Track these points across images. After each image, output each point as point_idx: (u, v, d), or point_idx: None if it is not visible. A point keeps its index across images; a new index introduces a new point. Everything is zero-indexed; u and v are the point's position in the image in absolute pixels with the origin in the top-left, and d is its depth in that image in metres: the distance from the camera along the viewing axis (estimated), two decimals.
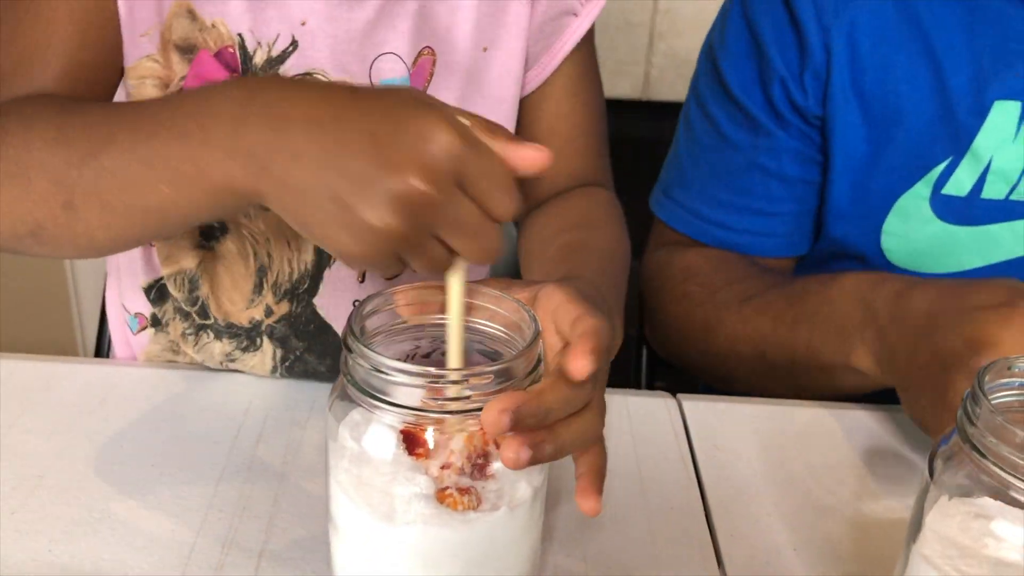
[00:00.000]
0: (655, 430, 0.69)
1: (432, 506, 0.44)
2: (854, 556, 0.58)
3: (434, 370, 0.43)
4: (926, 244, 0.80)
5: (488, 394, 0.43)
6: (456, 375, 0.44)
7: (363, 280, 0.71)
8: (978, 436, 0.41)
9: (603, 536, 0.58)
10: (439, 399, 0.43)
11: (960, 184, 0.77)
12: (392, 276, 0.48)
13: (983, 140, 0.75)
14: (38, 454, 0.62)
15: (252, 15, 0.65)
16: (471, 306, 0.48)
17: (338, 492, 0.46)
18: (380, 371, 0.43)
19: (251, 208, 0.67)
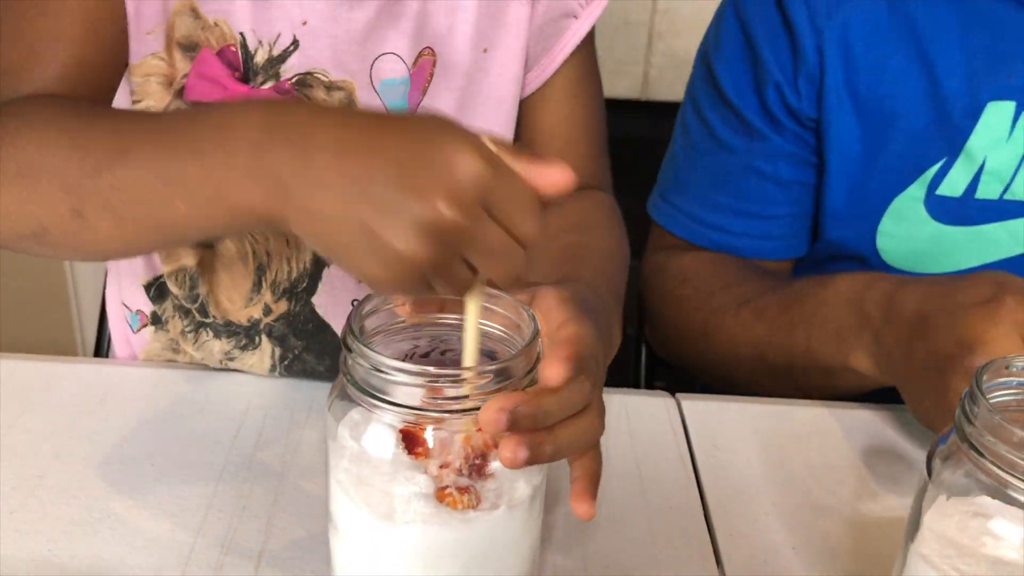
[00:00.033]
0: (654, 430, 0.69)
1: (432, 505, 0.44)
2: (853, 555, 0.58)
3: (433, 369, 0.43)
4: (922, 245, 0.80)
5: (487, 393, 0.43)
6: (455, 375, 0.44)
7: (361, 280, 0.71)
8: (976, 435, 0.41)
9: (602, 536, 0.58)
10: (438, 398, 0.43)
11: (954, 185, 0.77)
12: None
13: (977, 140, 0.75)
14: (37, 454, 0.62)
15: (254, 14, 0.65)
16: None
17: (338, 492, 0.47)
18: (380, 370, 0.43)
19: None
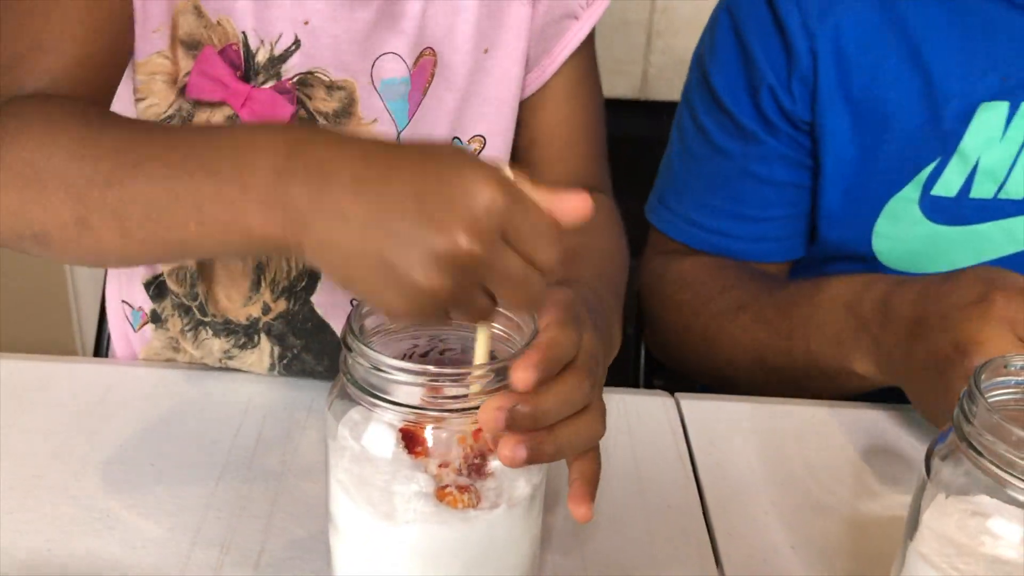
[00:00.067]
0: (653, 429, 0.69)
1: (432, 504, 0.44)
2: (852, 554, 0.58)
3: (433, 368, 0.43)
4: (917, 245, 0.80)
5: (486, 392, 0.43)
6: (455, 374, 0.44)
7: None
8: (975, 434, 0.41)
9: (601, 535, 0.58)
10: (438, 397, 0.43)
11: (949, 185, 0.77)
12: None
13: (970, 141, 0.76)
14: (36, 454, 0.62)
15: (257, 13, 0.65)
16: None
17: (338, 491, 0.47)
18: (379, 369, 0.43)
19: None
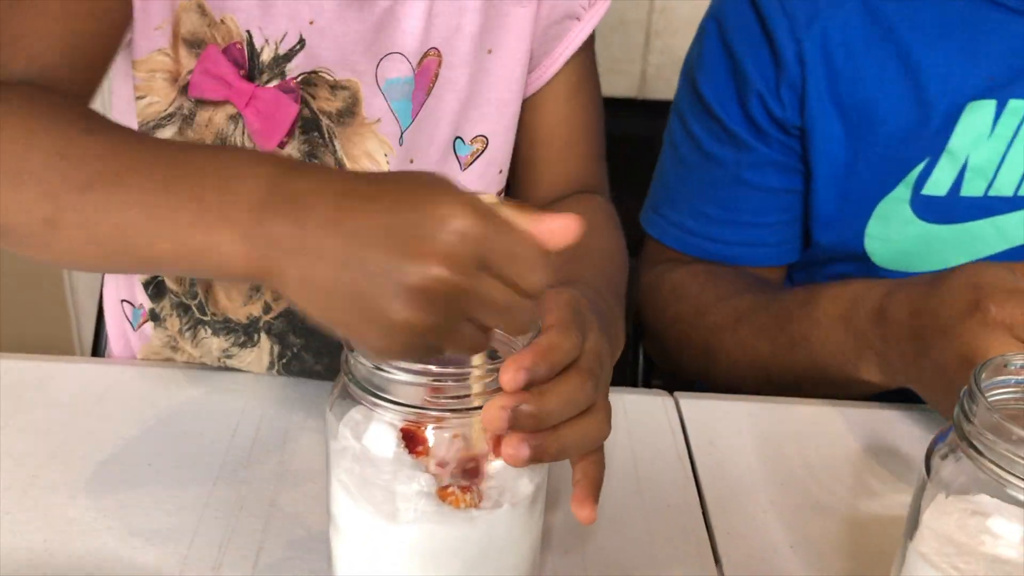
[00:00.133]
0: (652, 428, 0.69)
1: (434, 504, 0.44)
2: (851, 554, 0.58)
3: (435, 368, 0.43)
4: (909, 245, 0.80)
5: (488, 392, 0.43)
6: (457, 374, 0.44)
7: None
8: (975, 433, 0.41)
9: (601, 535, 0.58)
10: (440, 397, 0.43)
11: (939, 184, 0.77)
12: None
13: (958, 140, 0.76)
14: (34, 453, 0.62)
15: (261, 12, 0.65)
16: None
17: (339, 491, 0.46)
18: (381, 369, 0.43)
19: None
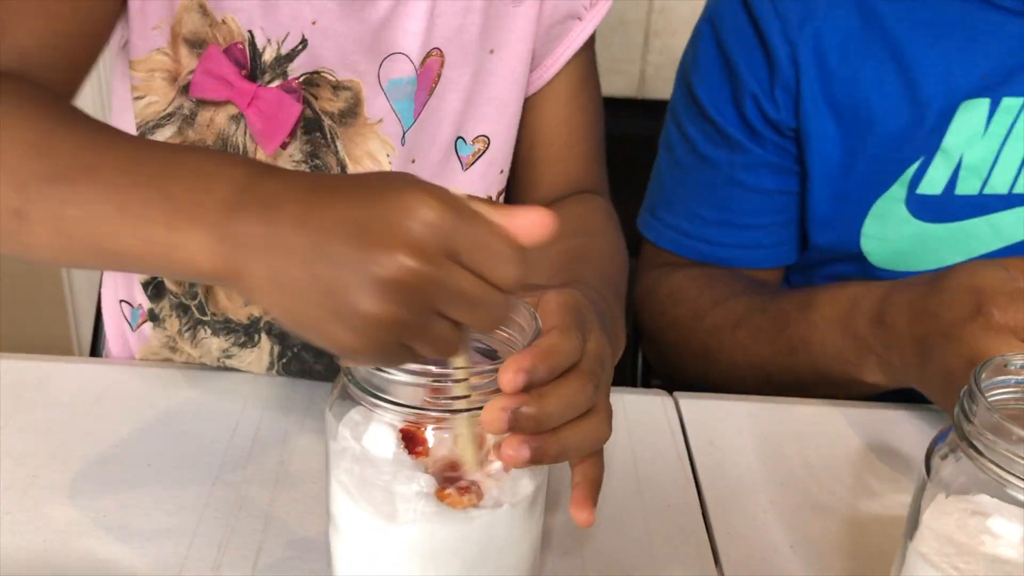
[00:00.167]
0: (652, 428, 0.69)
1: (433, 504, 0.44)
2: (851, 554, 0.58)
3: (435, 369, 0.43)
4: (905, 244, 0.80)
5: (488, 393, 0.43)
6: (457, 374, 0.44)
7: None
8: (975, 433, 0.41)
9: (600, 535, 0.58)
10: (440, 398, 0.43)
11: (934, 183, 0.78)
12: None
13: (952, 138, 0.76)
14: (33, 454, 0.62)
15: (263, 12, 0.65)
16: None
17: (339, 492, 0.46)
18: (381, 370, 0.43)
19: None
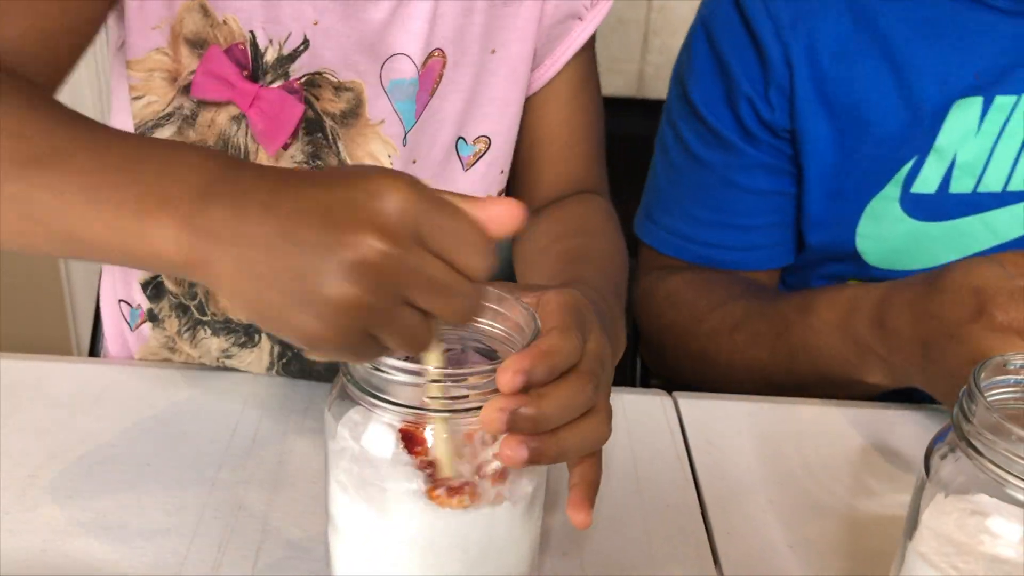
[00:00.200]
0: (651, 428, 0.69)
1: (432, 504, 0.44)
2: (850, 553, 0.58)
3: (434, 368, 0.43)
4: (900, 243, 0.80)
5: (487, 393, 0.43)
6: (455, 374, 0.43)
7: None
8: (974, 433, 0.41)
9: (599, 535, 0.58)
10: (439, 397, 0.43)
11: (928, 181, 0.78)
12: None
13: (945, 137, 0.76)
14: (31, 454, 0.62)
15: (265, 13, 0.65)
16: None
17: (338, 491, 0.46)
18: (379, 370, 0.43)
19: None
